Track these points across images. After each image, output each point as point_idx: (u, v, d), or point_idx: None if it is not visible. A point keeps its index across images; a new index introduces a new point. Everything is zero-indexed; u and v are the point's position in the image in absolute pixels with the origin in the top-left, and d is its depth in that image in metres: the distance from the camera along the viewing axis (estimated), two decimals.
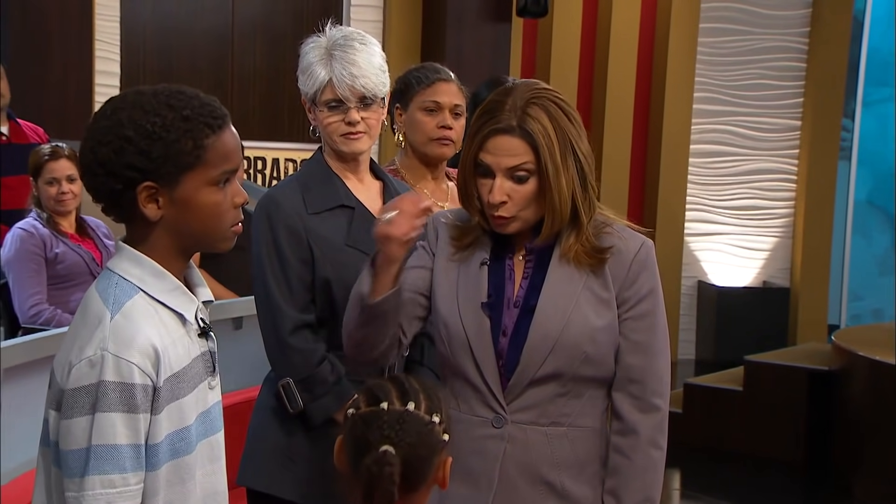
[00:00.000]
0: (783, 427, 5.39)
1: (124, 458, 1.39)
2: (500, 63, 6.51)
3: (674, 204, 7.60)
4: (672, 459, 1.69)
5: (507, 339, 1.82)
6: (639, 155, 7.57)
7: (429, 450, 1.55)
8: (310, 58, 2.15)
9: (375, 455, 1.49)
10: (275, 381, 2.12)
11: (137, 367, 1.40)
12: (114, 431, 1.38)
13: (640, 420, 1.83)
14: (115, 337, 1.40)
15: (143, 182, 1.43)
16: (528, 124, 1.77)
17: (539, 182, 1.79)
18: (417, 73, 2.56)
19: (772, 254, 7.89)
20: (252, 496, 2.16)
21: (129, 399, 1.39)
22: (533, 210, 1.81)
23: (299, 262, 2.09)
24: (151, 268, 1.47)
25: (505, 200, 1.79)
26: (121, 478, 1.39)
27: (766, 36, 7.75)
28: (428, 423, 1.55)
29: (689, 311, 7.75)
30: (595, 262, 1.82)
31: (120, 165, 1.42)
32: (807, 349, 6.19)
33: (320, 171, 2.18)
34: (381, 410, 1.53)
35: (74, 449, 1.39)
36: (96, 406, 1.38)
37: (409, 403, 1.55)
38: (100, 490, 1.38)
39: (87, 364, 1.39)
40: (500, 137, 1.79)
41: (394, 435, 1.51)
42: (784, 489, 5.16)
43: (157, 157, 1.43)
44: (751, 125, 7.84)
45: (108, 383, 1.38)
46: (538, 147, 1.77)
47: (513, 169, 1.79)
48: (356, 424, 1.55)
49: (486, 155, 1.81)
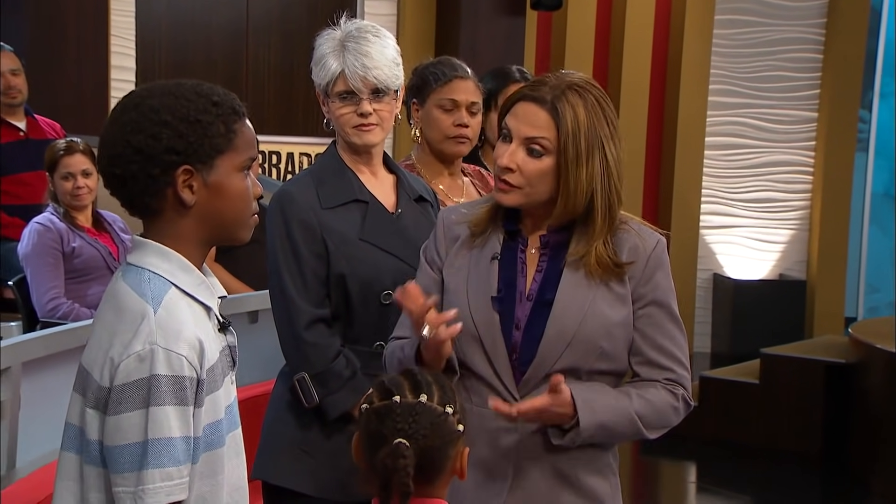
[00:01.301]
0: (800, 420, 5.37)
1: (179, 450, 1.40)
2: (514, 56, 6.49)
3: (689, 197, 7.56)
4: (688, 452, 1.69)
5: (520, 332, 1.82)
6: (654, 148, 7.55)
7: (443, 441, 1.55)
8: (323, 49, 2.15)
9: (390, 448, 1.50)
10: (290, 375, 2.13)
11: (186, 360, 1.41)
12: (169, 424, 1.39)
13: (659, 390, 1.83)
14: (163, 331, 1.41)
15: (182, 165, 1.45)
16: (560, 103, 1.77)
17: (555, 164, 1.78)
18: (435, 69, 2.55)
19: (788, 246, 7.85)
20: (267, 489, 2.17)
21: (180, 392, 1.40)
22: (540, 190, 1.80)
23: (314, 257, 2.09)
24: (179, 262, 1.48)
25: (512, 168, 1.79)
26: (177, 470, 1.41)
27: (782, 27, 7.70)
28: (441, 415, 1.55)
29: (705, 305, 7.73)
30: (610, 276, 1.81)
31: (159, 150, 1.44)
32: (824, 342, 6.16)
33: (334, 166, 2.18)
34: (393, 404, 1.54)
35: (127, 444, 1.39)
36: (149, 400, 1.39)
37: (422, 395, 1.56)
38: (160, 483, 1.39)
39: (136, 359, 1.40)
40: (528, 104, 1.80)
41: (407, 427, 1.52)
42: (800, 482, 5.14)
43: (194, 140, 1.45)
44: (767, 117, 7.80)
45: (161, 377, 1.39)
46: (561, 127, 1.76)
47: (530, 140, 1.79)
48: (370, 419, 1.56)
49: (509, 118, 1.82)
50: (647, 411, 1.80)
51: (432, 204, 2.29)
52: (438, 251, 1.91)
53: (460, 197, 2.57)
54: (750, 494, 5.06)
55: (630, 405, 1.79)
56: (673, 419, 1.84)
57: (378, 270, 2.11)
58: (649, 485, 5.00)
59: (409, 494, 1.50)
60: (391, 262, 2.13)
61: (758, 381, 5.56)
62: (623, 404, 1.79)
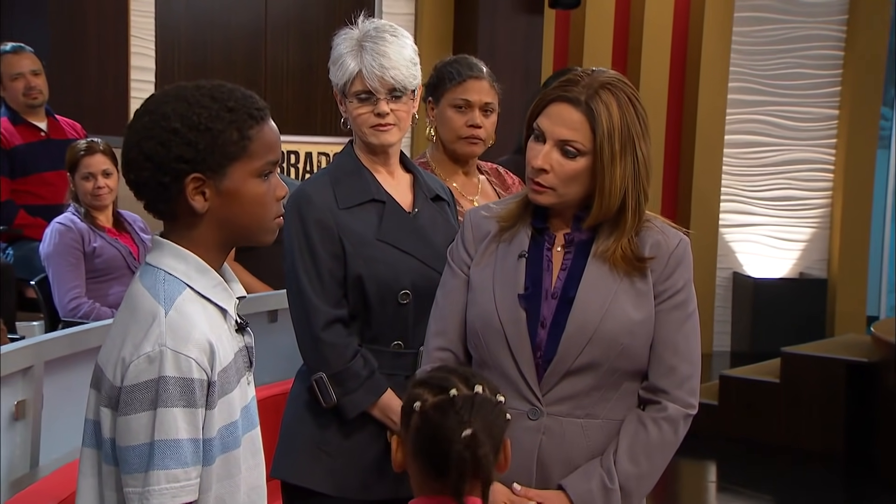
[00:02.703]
0: (821, 419, 5.33)
1: (185, 452, 1.40)
2: (532, 55, 6.48)
3: (709, 195, 7.53)
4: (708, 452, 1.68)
5: (545, 330, 1.82)
6: (673, 146, 7.51)
7: (500, 428, 1.57)
8: (341, 49, 2.15)
9: (464, 440, 1.49)
10: (308, 375, 2.13)
11: (195, 362, 1.41)
12: (175, 426, 1.39)
13: (667, 407, 1.83)
14: (172, 333, 1.41)
15: (191, 174, 1.44)
16: (594, 103, 1.77)
17: (590, 164, 1.78)
18: (450, 67, 2.55)
19: (809, 245, 7.79)
20: (286, 489, 2.17)
21: (188, 394, 1.40)
22: (574, 190, 1.80)
23: (331, 257, 2.10)
24: (196, 264, 1.48)
25: (546, 169, 1.79)
26: (183, 472, 1.41)
27: (802, 24, 7.65)
28: (497, 403, 1.57)
29: (725, 303, 7.69)
30: (633, 270, 1.81)
31: (168, 158, 1.44)
32: (845, 340, 6.11)
33: (351, 165, 2.18)
34: (453, 398, 1.54)
35: (135, 445, 1.40)
36: (157, 401, 1.39)
37: (476, 386, 1.56)
38: (165, 485, 1.39)
39: (146, 360, 1.40)
40: (562, 105, 1.79)
41: (472, 418, 1.52)
42: (823, 482, 5.10)
43: (203, 148, 1.44)
44: (787, 115, 7.74)
45: (168, 378, 1.39)
46: (597, 128, 1.76)
47: (564, 142, 1.78)
48: (428, 416, 1.54)
49: (542, 119, 1.81)
50: (643, 470, 1.80)
51: (449, 203, 2.28)
52: (468, 250, 1.91)
53: (475, 195, 2.57)
54: (770, 494, 5.02)
55: (624, 478, 1.79)
56: (670, 455, 1.84)
57: (395, 270, 2.11)
58: (669, 484, 4.98)
59: (491, 483, 1.50)
60: (408, 261, 2.12)
61: (778, 381, 5.52)
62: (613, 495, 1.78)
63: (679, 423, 1.83)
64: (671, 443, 1.82)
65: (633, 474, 1.79)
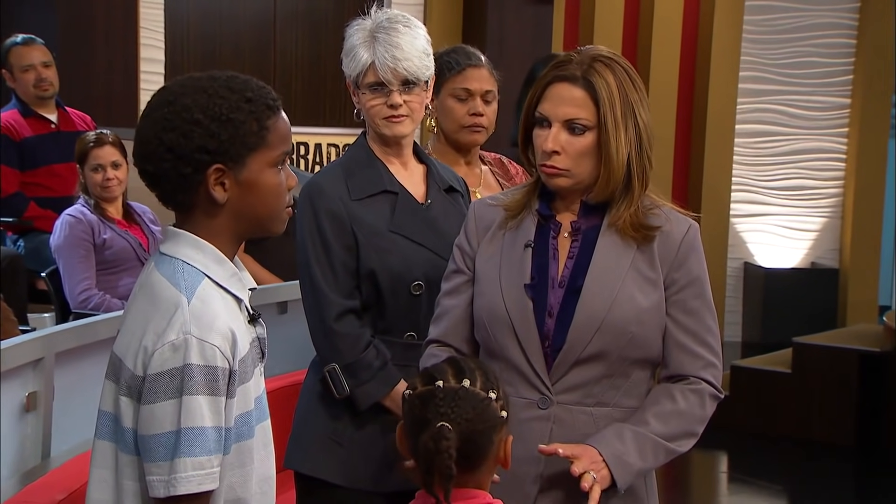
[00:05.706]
0: (833, 410, 5.32)
1: (210, 439, 1.41)
2: (541, 44, 6.46)
3: (719, 184, 7.50)
4: (719, 442, 1.68)
5: (553, 319, 1.81)
6: (683, 135, 7.48)
7: (486, 426, 1.56)
8: (353, 40, 2.14)
9: (432, 431, 1.50)
10: (320, 366, 2.13)
11: (220, 350, 1.42)
12: (201, 413, 1.40)
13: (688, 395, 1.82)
14: (197, 321, 1.42)
15: (213, 165, 1.45)
16: (592, 76, 1.78)
17: (597, 138, 1.78)
18: (448, 57, 2.54)
19: (820, 234, 7.76)
20: (299, 479, 2.17)
21: (212, 382, 1.41)
22: (586, 167, 1.80)
23: (343, 249, 2.09)
24: (213, 254, 1.49)
25: (558, 150, 1.79)
26: (208, 459, 1.41)
27: (814, 12, 7.60)
28: (484, 400, 1.56)
29: (736, 293, 7.66)
30: (641, 238, 1.81)
31: (190, 149, 1.44)
32: (857, 330, 6.09)
33: (364, 157, 2.18)
34: (436, 388, 1.55)
35: (160, 433, 1.40)
36: (182, 389, 1.39)
37: (465, 381, 1.56)
38: (191, 472, 1.40)
39: (170, 348, 1.40)
40: (562, 85, 1.80)
41: (450, 411, 1.52)
42: (834, 473, 5.09)
43: (225, 138, 1.45)
44: (798, 104, 7.70)
45: (194, 366, 1.40)
46: (599, 100, 1.77)
47: (570, 121, 1.79)
48: (413, 404, 1.57)
49: (543, 104, 1.82)
50: (673, 430, 1.79)
51: (462, 194, 2.28)
52: (470, 242, 1.91)
53: (477, 186, 2.56)
54: (782, 484, 5.01)
55: (655, 439, 1.77)
56: (699, 426, 1.83)
57: (408, 261, 2.10)
58: (681, 475, 4.97)
59: (452, 477, 1.50)
60: (421, 252, 2.12)
61: (790, 371, 5.51)
62: (648, 444, 1.77)
63: (706, 398, 1.82)
64: (699, 416, 1.81)
65: (663, 433, 1.78)
